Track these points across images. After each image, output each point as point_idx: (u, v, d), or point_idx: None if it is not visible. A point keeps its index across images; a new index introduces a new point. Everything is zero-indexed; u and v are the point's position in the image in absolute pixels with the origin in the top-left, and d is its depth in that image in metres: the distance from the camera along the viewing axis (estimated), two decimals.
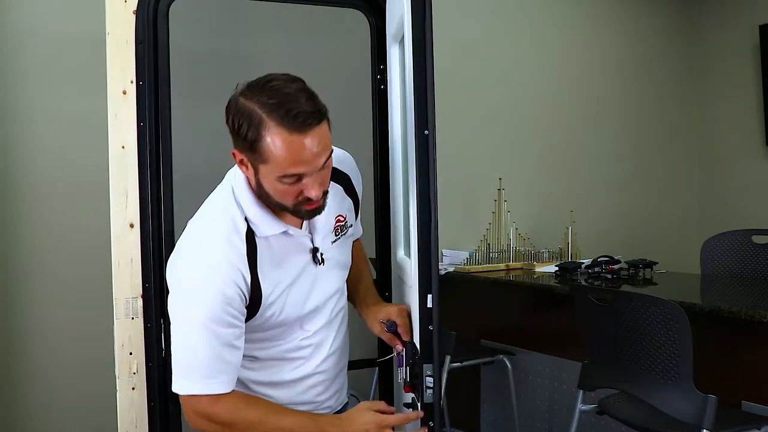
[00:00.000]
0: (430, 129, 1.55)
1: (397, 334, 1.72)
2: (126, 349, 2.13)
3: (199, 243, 1.57)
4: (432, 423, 1.58)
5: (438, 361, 1.58)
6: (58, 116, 3.14)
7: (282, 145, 1.43)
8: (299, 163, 1.45)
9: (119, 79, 2.10)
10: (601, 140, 4.79)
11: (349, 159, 1.81)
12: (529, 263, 3.89)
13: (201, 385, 1.55)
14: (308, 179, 1.48)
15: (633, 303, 2.29)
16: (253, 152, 1.47)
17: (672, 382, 2.19)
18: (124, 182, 2.12)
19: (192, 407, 1.58)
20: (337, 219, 1.73)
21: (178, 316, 1.56)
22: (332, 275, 1.73)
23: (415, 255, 1.61)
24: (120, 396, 2.13)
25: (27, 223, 3.11)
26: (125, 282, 2.13)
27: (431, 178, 1.56)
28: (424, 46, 1.55)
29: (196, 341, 1.53)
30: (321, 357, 1.73)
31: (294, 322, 1.66)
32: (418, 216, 1.57)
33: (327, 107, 1.49)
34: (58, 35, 3.13)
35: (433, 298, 1.56)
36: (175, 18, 2.13)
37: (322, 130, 1.46)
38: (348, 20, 2.34)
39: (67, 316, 3.14)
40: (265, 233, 1.58)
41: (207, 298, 1.51)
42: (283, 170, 1.46)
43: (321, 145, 1.46)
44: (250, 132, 1.44)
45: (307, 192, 1.49)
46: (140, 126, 2.11)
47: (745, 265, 3.40)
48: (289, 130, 1.42)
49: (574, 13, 4.70)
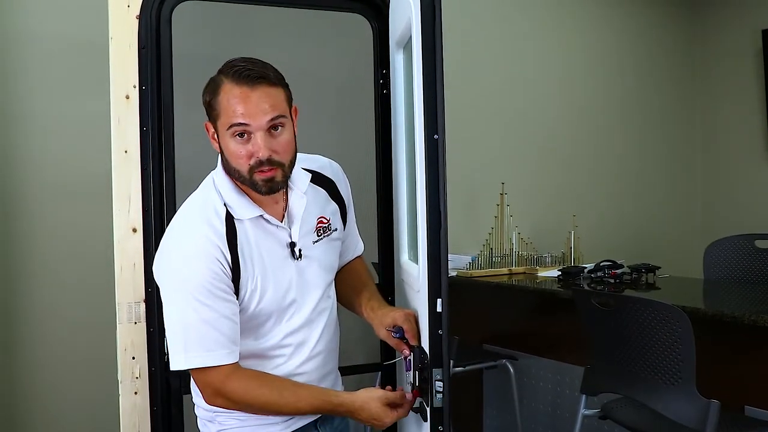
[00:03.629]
0: (440, 133, 1.57)
1: (404, 339, 1.72)
2: (128, 354, 2.14)
3: (182, 225, 1.66)
4: (442, 427, 1.58)
5: (448, 365, 1.58)
6: (61, 121, 3.14)
7: (229, 96, 1.58)
8: (242, 114, 1.57)
9: (122, 83, 2.12)
10: (604, 145, 4.79)
11: (335, 166, 1.89)
12: (532, 268, 3.88)
13: (201, 358, 1.59)
14: (255, 136, 1.58)
15: (636, 307, 2.29)
16: (212, 112, 1.62)
17: (675, 386, 2.19)
18: (126, 187, 2.13)
19: (204, 383, 1.63)
20: (320, 220, 1.79)
21: (169, 295, 1.62)
22: (313, 273, 1.76)
23: (423, 259, 1.62)
24: (122, 401, 2.13)
25: (29, 227, 3.11)
26: (128, 286, 2.13)
27: (441, 183, 1.57)
28: (434, 50, 1.56)
29: (191, 315, 1.58)
30: (302, 357, 1.74)
31: (273, 313, 1.69)
32: (427, 220, 1.58)
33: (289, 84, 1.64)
34: (61, 40, 3.13)
35: (443, 303, 1.56)
36: (178, 23, 2.14)
37: (272, 91, 1.59)
38: (350, 25, 2.34)
39: (69, 320, 3.13)
40: (242, 216, 1.65)
41: (194, 273, 1.58)
42: (229, 119, 1.58)
43: (268, 102, 1.58)
44: (210, 95, 1.61)
45: (255, 151, 1.58)
46: (143, 131, 2.11)
47: (748, 270, 3.39)
48: (237, 83, 1.57)
49: (576, 17, 4.70)
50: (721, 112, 5.08)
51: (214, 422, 1.74)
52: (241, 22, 2.45)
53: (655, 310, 2.21)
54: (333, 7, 2.34)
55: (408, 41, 1.94)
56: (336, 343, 1.86)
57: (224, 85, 1.59)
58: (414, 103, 1.69)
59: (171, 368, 1.65)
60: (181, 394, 2.13)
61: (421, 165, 1.61)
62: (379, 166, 2.31)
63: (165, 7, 2.11)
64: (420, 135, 1.62)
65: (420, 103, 1.62)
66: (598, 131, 4.75)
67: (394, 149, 2.13)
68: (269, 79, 1.59)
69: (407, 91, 2.02)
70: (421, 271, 1.66)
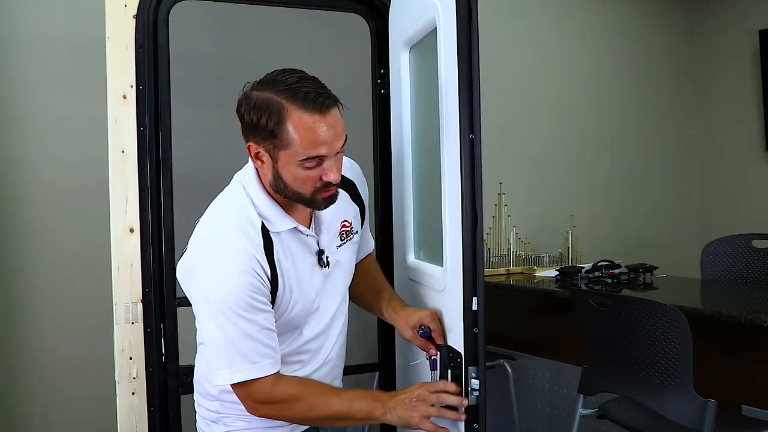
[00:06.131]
0: (476, 133, 1.56)
1: (431, 339, 1.72)
2: (126, 354, 2.13)
3: (217, 236, 1.58)
4: (477, 425, 1.59)
5: (483, 363, 1.59)
6: (57, 121, 3.13)
7: (304, 127, 1.48)
8: (320, 144, 1.49)
9: (119, 83, 2.11)
10: (602, 144, 4.78)
11: (355, 166, 1.84)
12: (530, 268, 3.88)
13: (246, 371, 1.55)
14: (328, 162, 1.52)
15: (633, 307, 2.29)
16: (273, 140, 1.50)
17: (672, 386, 2.19)
18: (124, 187, 2.12)
19: (246, 395, 1.59)
20: (343, 224, 1.75)
21: (207, 310, 1.56)
22: (336, 280, 1.74)
23: (453, 259, 1.62)
24: (120, 401, 2.13)
25: (26, 227, 3.10)
26: (125, 287, 2.13)
27: (477, 182, 1.57)
28: (470, 50, 1.56)
29: (232, 330, 1.53)
30: (318, 363, 1.74)
31: (300, 321, 1.68)
32: (462, 221, 1.58)
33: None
34: (57, 39, 3.12)
35: (479, 301, 1.57)
36: (176, 22, 2.13)
37: (337, 113, 1.51)
38: (348, 25, 2.34)
39: (66, 321, 3.12)
40: (278, 228, 1.60)
41: (233, 287, 1.52)
42: (305, 152, 1.49)
43: (339, 126, 1.51)
44: (270, 120, 1.48)
45: (326, 176, 1.53)
46: (140, 131, 2.11)
47: (746, 270, 3.39)
48: (310, 111, 1.47)
49: (574, 18, 4.69)
50: (719, 112, 5.08)
51: (219, 423, 1.72)
52: (238, 22, 2.45)
53: (653, 309, 2.21)
54: (331, 7, 2.34)
55: (418, 42, 1.95)
56: (345, 348, 1.85)
57: (291, 111, 1.47)
58: (442, 104, 1.68)
59: (215, 383, 1.61)
60: (179, 395, 2.14)
61: (451, 165, 1.61)
62: (377, 166, 2.32)
63: (162, 6, 2.11)
64: (449, 135, 1.62)
65: (447, 103, 1.62)
66: (595, 131, 4.75)
67: (397, 150, 2.12)
68: (334, 100, 1.52)
69: (417, 91, 2.02)
70: (448, 270, 1.67)
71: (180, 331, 2.14)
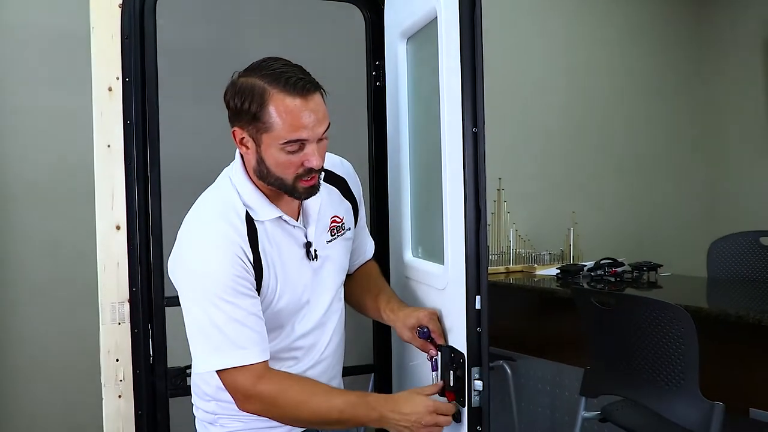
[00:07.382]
0: (479, 127, 1.56)
1: (431, 339, 1.71)
2: (112, 356, 2.10)
3: (202, 224, 1.62)
4: (480, 428, 1.58)
5: (487, 363, 1.58)
6: (41, 114, 3.11)
7: (285, 110, 1.53)
8: (302, 128, 1.53)
9: (104, 75, 2.08)
10: (604, 139, 4.77)
11: (346, 164, 1.87)
12: (530, 266, 3.89)
13: (233, 357, 1.55)
14: (310, 147, 1.56)
15: (637, 307, 2.29)
16: (256, 123, 1.55)
17: (677, 388, 2.18)
18: (110, 183, 2.09)
19: (235, 386, 1.58)
20: (333, 219, 1.78)
21: (193, 297, 1.58)
22: (327, 274, 1.76)
23: (455, 257, 1.61)
24: (106, 404, 2.10)
25: (9, 224, 3.07)
26: (111, 286, 2.10)
27: (481, 177, 1.56)
28: (473, 42, 1.55)
29: (218, 316, 1.55)
30: (312, 360, 1.74)
31: (288, 315, 1.69)
32: (465, 215, 1.57)
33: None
34: (40, 30, 3.09)
35: (482, 300, 1.56)
36: (163, 12, 2.09)
37: (320, 99, 1.56)
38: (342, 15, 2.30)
39: (50, 321, 3.10)
40: (261, 217, 1.63)
41: (218, 272, 1.55)
42: (286, 136, 1.54)
43: (321, 111, 1.56)
44: (252, 104, 1.54)
45: (308, 162, 1.56)
46: (127, 124, 2.07)
47: (753, 268, 3.39)
48: (292, 95, 1.52)
49: (578, 12, 4.69)
50: (726, 107, 5.09)
51: (215, 424, 1.73)
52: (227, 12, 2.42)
53: (657, 309, 2.20)
54: None
55: (417, 32, 1.95)
56: (343, 347, 1.85)
57: (273, 95, 1.53)
58: (443, 96, 1.67)
59: (196, 371, 1.62)
60: (167, 398, 2.10)
61: (453, 160, 1.60)
62: (371, 160, 2.29)
63: None
64: (451, 129, 1.61)
65: (449, 96, 1.62)
66: (598, 126, 4.74)
67: (393, 144, 2.11)
68: (317, 86, 1.56)
69: (415, 83, 2.02)
70: (450, 268, 1.66)
71: (168, 331, 2.11)
